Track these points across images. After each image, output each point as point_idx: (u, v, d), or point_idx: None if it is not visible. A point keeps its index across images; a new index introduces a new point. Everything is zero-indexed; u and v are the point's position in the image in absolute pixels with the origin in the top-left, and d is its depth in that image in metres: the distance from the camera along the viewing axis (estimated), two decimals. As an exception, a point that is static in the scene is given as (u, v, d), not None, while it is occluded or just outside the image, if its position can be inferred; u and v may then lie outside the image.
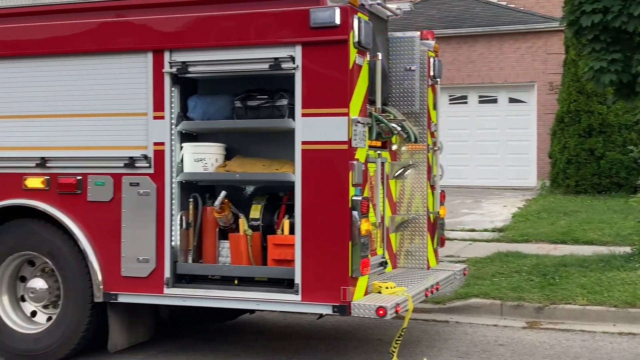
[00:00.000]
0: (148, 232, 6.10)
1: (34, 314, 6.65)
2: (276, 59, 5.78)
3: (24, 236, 6.47)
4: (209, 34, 5.98)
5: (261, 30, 5.82)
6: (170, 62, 6.04)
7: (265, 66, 5.83)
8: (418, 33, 7.18)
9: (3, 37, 6.47)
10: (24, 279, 6.67)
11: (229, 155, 6.33)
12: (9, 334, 6.50)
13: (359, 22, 5.65)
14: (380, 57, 6.17)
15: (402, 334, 6.02)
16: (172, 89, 6.10)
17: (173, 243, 6.08)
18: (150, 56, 6.09)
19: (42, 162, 6.34)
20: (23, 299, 6.66)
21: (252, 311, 7.27)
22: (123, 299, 6.16)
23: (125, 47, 6.17)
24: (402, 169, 7.14)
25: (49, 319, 6.54)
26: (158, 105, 6.10)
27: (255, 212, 6.13)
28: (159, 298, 6.10)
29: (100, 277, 6.19)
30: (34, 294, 6.54)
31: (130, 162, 6.15)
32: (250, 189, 6.53)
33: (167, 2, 6.18)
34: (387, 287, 5.97)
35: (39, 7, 6.55)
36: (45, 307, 6.60)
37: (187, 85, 6.27)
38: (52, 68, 6.36)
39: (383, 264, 6.76)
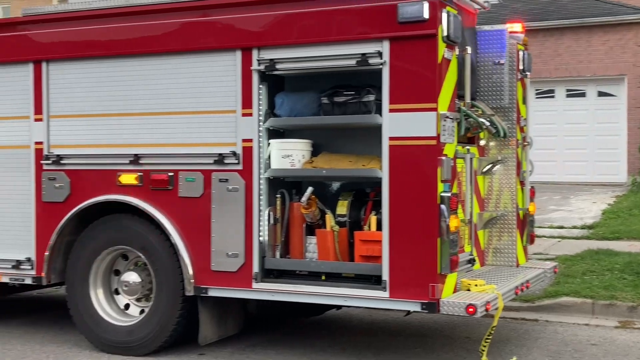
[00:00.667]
0: (237, 228, 6.18)
1: (127, 306, 6.84)
2: (363, 54, 5.76)
3: (118, 231, 6.65)
4: (296, 31, 6.01)
5: (348, 26, 5.82)
6: (258, 60, 6.10)
7: (353, 62, 5.82)
8: (507, 26, 7.04)
9: (98, 37, 6.66)
10: (117, 273, 6.87)
11: (315, 152, 6.35)
12: (104, 326, 6.69)
13: (448, 15, 5.59)
14: (469, 51, 6.09)
15: (492, 332, 5.92)
16: (260, 86, 6.16)
17: (261, 238, 6.15)
18: (239, 54, 6.17)
19: (136, 159, 6.51)
20: (117, 292, 6.86)
21: (338, 307, 7.29)
22: (213, 292, 6.26)
23: (214, 46, 6.27)
24: (491, 165, 7.03)
25: (142, 311, 6.71)
26: (246, 102, 6.18)
27: (342, 208, 6.14)
28: (248, 292, 6.18)
29: (191, 271, 6.31)
30: (128, 287, 6.72)
31: (220, 159, 6.24)
32: (336, 185, 6.55)
33: (255, 0, 6.26)
34: (476, 285, 5.89)
35: (132, 7, 6.72)
36: (138, 300, 6.78)
37: (274, 82, 6.33)
38: (145, 67, 6.51)
39: (471, 262, 6.66)
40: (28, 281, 6.91)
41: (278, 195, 6.24)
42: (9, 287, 7.42)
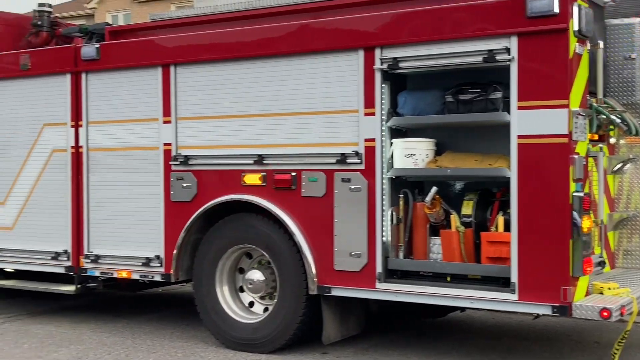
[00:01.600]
0: (360, 227, 6.18)
1: (251, 304, 6.96)
2: (490, 50, 5.64)
3: (243, 229, 6.77)
4: (419, 29, 5.95)
5: (474, 22, 5.71)
6: (381, 59, 6.07)
7: (479, 59, 5.70)
8: (637, 20, 6.73)
9: (223, 40, 6.81)
10: (242, 271, 6.99)
11: (439, 151, 6.27)
12: (230, 323, 6.83)
13: (579, 9, 5.40)
14: (601, 46, 5.86)
15: (626, 337, 5.68)
16: (383, 85, 6.13)
17: (384, 238, 6.12)
18: (361, 54, 6.16)
19: (259, 159, 6.61)
20: (242, 290, 6.98)
21: (462, 309, 7.17)
22: (336, 292, 6.28)
23: (336, 46, 6.28)
24: (621, 164, 6.74)
25: (266, 309, 6.81)
26: (369, 102, 6.16)
27: (467, 208, 6.03)
28: (371, 292, 6.16)
29: (314, 271, 6.36)
30: (252, 285, 6.84)
31: (342, 159, 6.26)
32: (460, 185, 6.44)
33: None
34: (609, 288, 5.66)
35: (255, 10, 6.85)
36: (262, 298, 6.89)
37: (397, 81, 6.28)
38: (269, 69, 6.60)
39: (601, 264, 6.38)
40: (157, 278, 7.15)
41: (401, 195, 6.19)
42: (139, 284, 7.70)
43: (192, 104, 6.97)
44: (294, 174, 6.47)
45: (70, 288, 7.67)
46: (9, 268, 8.06)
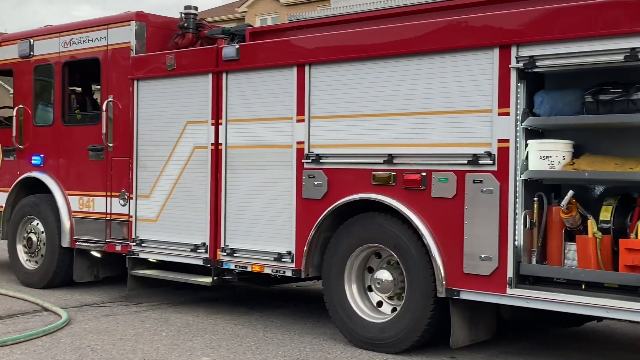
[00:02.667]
0: (490, 230, 6.02)
1: (379, 304, 6.95)
2: (633, 49, 5.34)
3: (372, 229, 6.78)
4: (558, 26, 5.72)
5: (615, 19, 5.43)
6: (517, 57, 5.89)
7: (620, 57, 5.42)
8: None
9: (355, 40, 6.85)
10: (371, 270, 7.00)
11: (576, 153, 6.00)
12: (358, 322, 6.86)
13: None
14: None
15: None
16: (518, 84, 5.94)
17: (516, 242, 5.93)
18: (496, 52, 6.00)
19: (390, 159, 6.59)
20: (370, 289, 6.99)
21: (599, 319, 6.83)
22: (465, 295, 6.16)
23: (470, 44, 6.15)
24: None
25: (394, 310, 6.78)
26: (503, 101, 5.99)
27: (606, 213, 5.73)
28: (501, 298, 6.00)
29: (442, 273, 6.26)
30: (380, 284, 6.83)
31: (474, 159, 6.12)
32: (599, 189, 6.14)
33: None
34: None
35: (389, 10, 6.83)
36: (390, 298, 6.87)
37: (533, 80, 6.07)
38: (398, 68, 6.57)
39: None
40: (288, 273, 7.28)
41: (535, 199, 5.97)
42: (273, 279, 7.89)
43: (324, 103, 7.06)
44: (424, 174, 6.41)
45: (207, 280, 7.96)
46: (152, 258, 8.46)
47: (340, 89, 6.97)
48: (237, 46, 7.71)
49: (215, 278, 7.91)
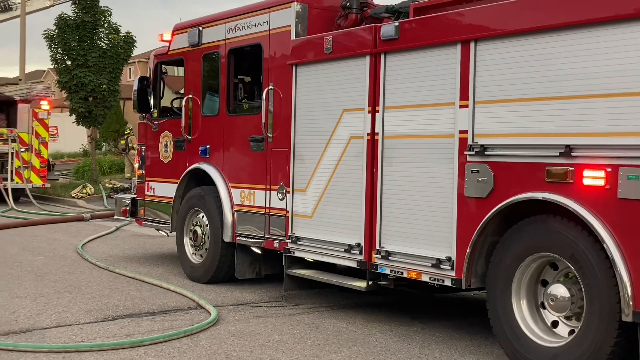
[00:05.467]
0: (695, 242, 4.73)
1: (555, 324, 5.81)
2: None
3: (544, 235, 5.66)
4: None
5: None
6: None
7: None
8: None
9: (534, 8, 5.75)
10: (545, 283, 5.88)
11: None
12: (526, 344, 5.78)
13: None
14: None
15: None
16: None
17: None
18: None
19: (567, 151, 5.44)
20: (543, 306, 5.88)
21: None
22: (658, 323, 4.91)
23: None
24: None
25: (571, 332, 5.63)
26: None
27: None
28: None
29: (630, 292, 5.05)
30: (555, 301, 5.70)
31: (675, 152, 4.85)
32: None
33: None
34: None
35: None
36: (567, 318, 5.72)
37: None
38: (583, 41, 5.41)
39: None
40: (447, 283, 6.34)
41: None
42: (431, 286, 6.95)
43: (492, 85, 6.04)
44: (608, 169, 5.20)
45: (361, 284, 7.21)
46: (307, 257, 7.85)
47: (512, 69, 5.92)
48: (397, 23, 6.86)
49: (370, 283, 7.13)
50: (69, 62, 23.57)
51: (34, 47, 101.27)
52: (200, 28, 9.48)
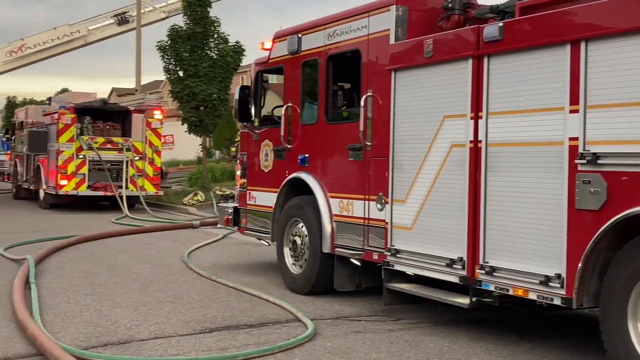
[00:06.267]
0: None
1: (676, 350, 5.27)
2: None
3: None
4: None
5: None
6: None
7: None
8: None
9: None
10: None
11: None
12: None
13: None
14: None
15: None
16: None
17: None
18: None
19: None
20: (664, 330, 5.34)
21: None
22: None
23: None
24: None
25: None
26: None
27: None
28: None
29: None
30: (677, 325, 5.16)
31: None
32: None
33: None
34: None
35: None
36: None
37: None
38: None
39: None
40: (556, 301, 5.88)
41: None
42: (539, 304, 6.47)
43: (606, 88, 5.57)
44: None
45: (464, 300, 6.82)
46: (407, 271, 7.51)
47: (627, 69, 5.44)
48: (501, 24, 6.45)
49: (473, 300, 6.73)
50: (180, 73, 24.12)
51: (154, 58, 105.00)
52: (300, 35, 9.33)
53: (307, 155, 9.11)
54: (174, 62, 24.05)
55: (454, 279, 6.82)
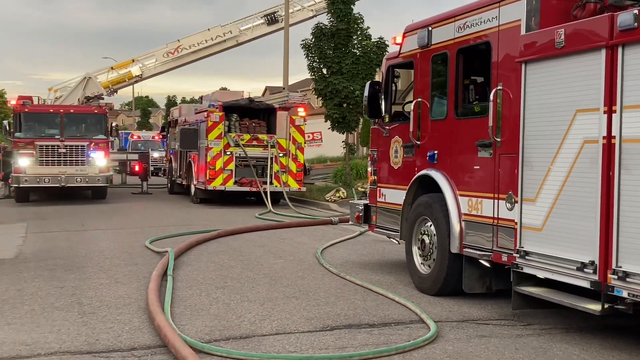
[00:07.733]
0: None
1: None
2: None
3: None
4: None
5: None
6: None
7: None
8: None
9: None
10: None
11: None
12: None
13: None
14: None
15: None
16: None
17: None
18: None
19: None
20: None
21: None
22: None
23: None
24: None
25: None
26: None
27: None
28: None
29: None
30: None
31: None
32: None
33: None
34: None
35: None
36: None
37: None
38: None
39: None
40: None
41: None
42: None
43: None
44: None
45: (596, 307, 6.38)
46: (536, 274, 7.12)
47: None
48: (636, 11, 5.97)
49: (605, 306, 6.28)
50: (324, 70, 24.32)
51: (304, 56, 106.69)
52: (430, 28, 9.09)
53: (436, 152, 8.87)
54: (317, 60, 24.29)
55: (585, 284, 6.39)
